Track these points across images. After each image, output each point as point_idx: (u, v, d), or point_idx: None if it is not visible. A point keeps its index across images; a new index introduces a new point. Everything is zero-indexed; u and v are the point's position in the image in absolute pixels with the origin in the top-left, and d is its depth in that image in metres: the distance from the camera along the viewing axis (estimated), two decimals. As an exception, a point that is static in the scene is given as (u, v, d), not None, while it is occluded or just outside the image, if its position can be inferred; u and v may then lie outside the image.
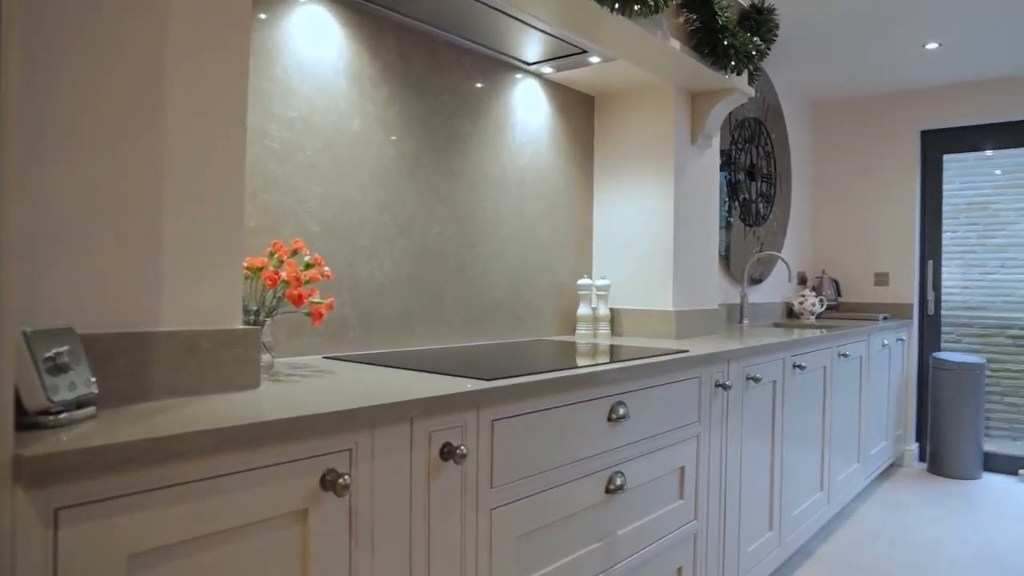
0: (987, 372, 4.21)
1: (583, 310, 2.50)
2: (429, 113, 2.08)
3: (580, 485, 1.56)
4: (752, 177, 3.81)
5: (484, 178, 2.26)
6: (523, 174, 2.41)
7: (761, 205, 3.92)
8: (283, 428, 0.98)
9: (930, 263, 4.36)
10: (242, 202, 1.24)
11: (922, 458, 4.40)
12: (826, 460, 3.02)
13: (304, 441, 1.03)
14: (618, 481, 1.66)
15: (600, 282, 2.53)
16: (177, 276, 1.15)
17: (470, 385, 1.30)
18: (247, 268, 1.42)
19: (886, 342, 3.79)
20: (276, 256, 1.45)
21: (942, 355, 4.17)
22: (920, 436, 4.41)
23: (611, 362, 1.70)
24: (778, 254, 3.58)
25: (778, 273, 4.22)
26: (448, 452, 1.24)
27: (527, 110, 2.42)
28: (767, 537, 2.47)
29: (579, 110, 2.65)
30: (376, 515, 1.13)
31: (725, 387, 2.09)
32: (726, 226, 3.58)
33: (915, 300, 4.34)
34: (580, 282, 2.50)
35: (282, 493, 1.01)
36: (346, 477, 1.04)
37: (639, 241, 2.56)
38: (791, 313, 4.32)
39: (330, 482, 1.05)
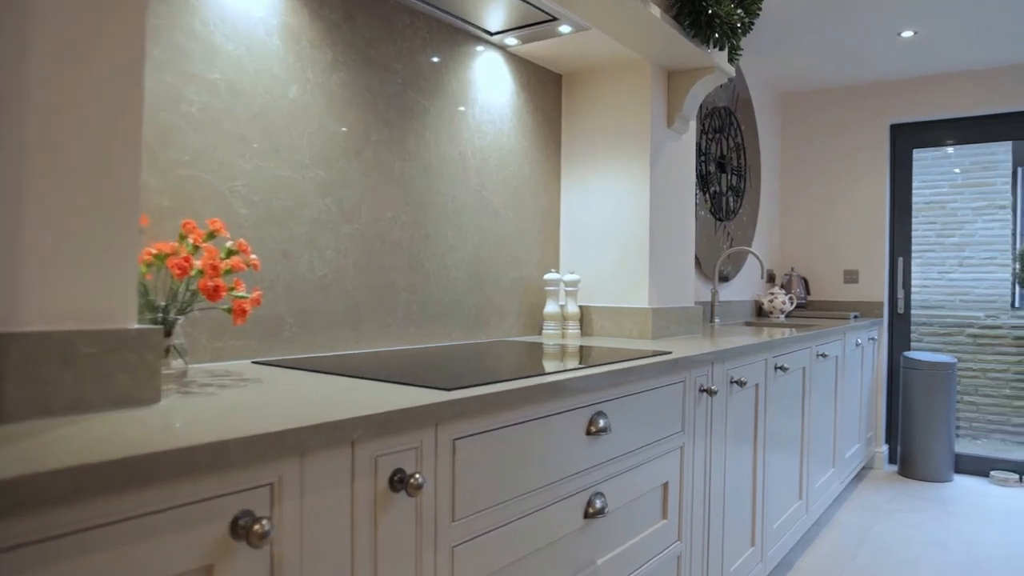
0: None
1: (550, 308, 2.28)
2: (379, 83, 1.83)
3: (556, 511, 1.33)
4: (722, 169, 3.64)
5: (441, 159, 2.02)
6: (485, 157, 2.17)
7: (731, 199, 3.76)
8: (176, 461, 0.73)
9: (900, 260, 4.25)
10: (137, 175, 0.98)
11: (892, 460, 4.29)
12: (805, 466, 2.85)
13: (208, 477, 0.78)
14: (598, 504, 1.43)
15: (569, 277, 2.31)
16: (45, 264, 0.89)
17: (427, 397, 1.06)
18: (152, 255, 1.15)
19: (859, 341, 3.66)
20: (189, 240, 1.19)
21: (913, 354, 4.06)
22: (890, 438, 4.30)
23: (591, 366, 1.48)
24: (750, 249, 3.42)
25: (748, 270, 4.07)
26: (400, 481, 0.99)
27: (489, 86, 2.19)
28: (749, 553, 2.28)
29: (546, 88, 2.43)
30: (307, 567, 0.88)
31: (711, 392, 1.89)
32: (696, 220, 3.39)
33: (885, 298, 4.23)
34: (547, 277, 2.28)
35: (177, 548, 0.75)
36: (265, 522, 0.79)
37: (611, 232, 2.35)
38: (760, 312, 4.17)
39: (244, 528, 0.80)
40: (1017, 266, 7.17)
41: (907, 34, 3.43)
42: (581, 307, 2.39)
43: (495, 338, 2.20)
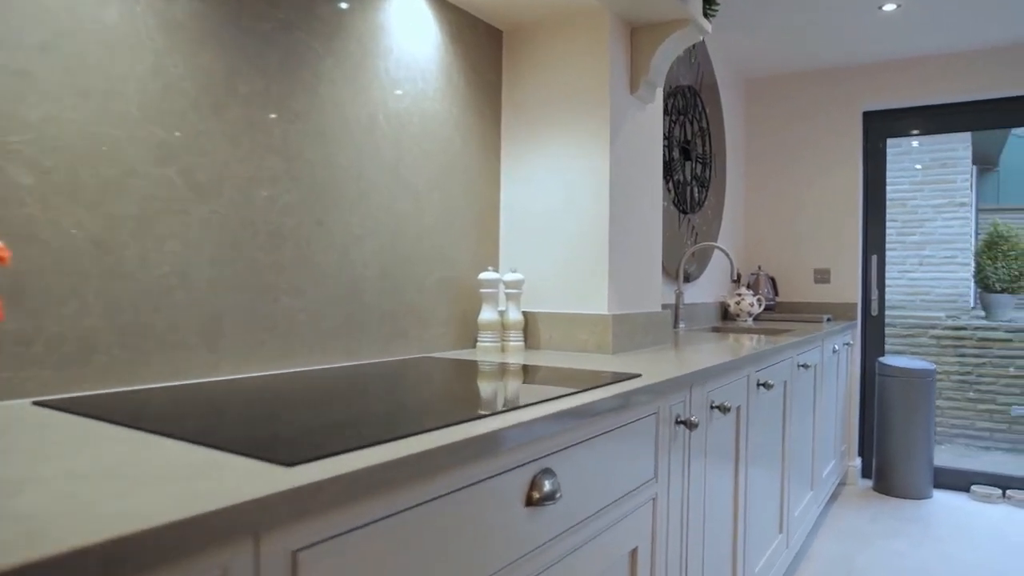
0: (935, 378, 3.79)
1: (487, 315, 1.83)
2: (252, 17, 1.36)
3: (480, 628, 0.89)
4: (687, 156, 3.25)
5: (343, 124, 1.56)
6: (402, 123, 1.72)
7: (696, 189, 3.37)
8: None
9: (873, 258, 3.93)
10: None
11: (866, 474, 3.96)
12: (785, 494, 2.46)
13: None
14: (543, 602, 1.00)
15: (510, 277, 1.87)
16: None
17: (247, 484, 0.60)
18: None
19: (836, 347, 3.31)
20: None
21: (889, 360, 3.74)
22: (863, 450, 3.98)
23: (534, 404, 1.04)
24: (720, 246, 3.03)
25: (713, 269, 3.69)
26: (170, 655, 0.53)
27: (408, 34, 1.73)
28: (730, 612, 1.88)
29: (482, 46, 1.98)
30: None
31: (690, 424, 1.46)
32: (659, 211, 2.99)
33: (859, 299, 3.90)
34: (483, 277, 1.84)
35: None
36: None
37: (563, 222, 1.92)
38: (726, 314, 3.80)
39: None
40: (973, 266, 7.01)
41: (889, 7, 3.08)
42: (525, 314, 1.95)
43: (415, 354, 1.75)
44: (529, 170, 1.98)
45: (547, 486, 1.00)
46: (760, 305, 3.61)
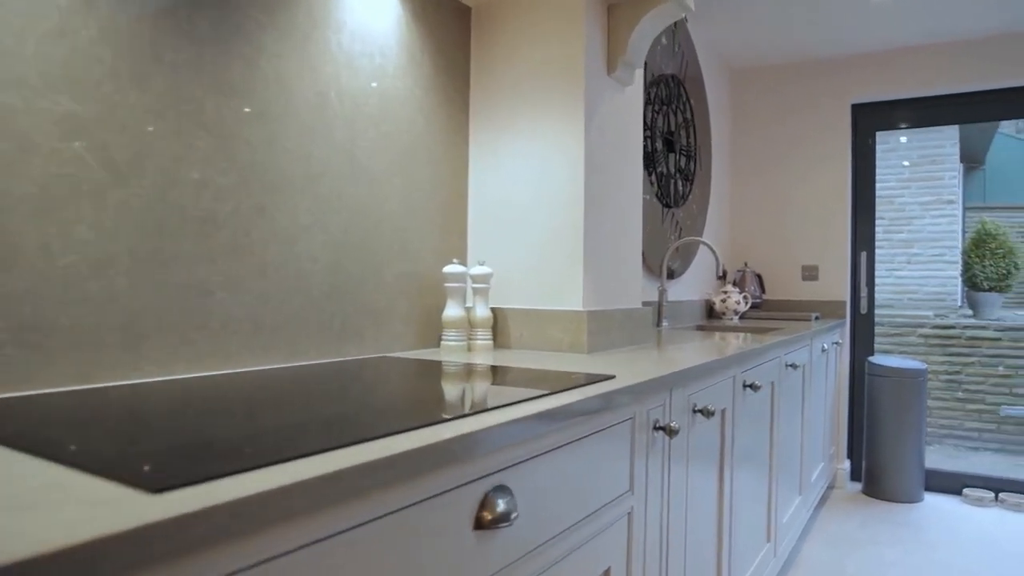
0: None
1: (452, 311, 1.70)
2: (179, -24, 1.22)
3: (415, 678, 0.75)
4: (670, 148, 3.12)
5: (288, 101, 1.42)
6: (358, 103, 1.57)
7: (680, 182, 3.24)
8: None
9: (862, 255, 3.82)
10: None
11: (855, 477, 3.85)
12: (773, 500, 2.34)
13: None
14: (496, 641, 0.86)
15: (478, 270, 1.73)
16: None
17: (80, 528, 0.46)
18: None
19: (825, 347, 3.19)
20: None
21: (878, 360, 3.63)
22: (852, 452, 3.86)
23: (487, 410, 0.90)
24: (705, 241, 2.90)
25: (698, 265, 3.57)
26: None
27: (365, 7, 1.59)
28: (715, 630, 1.75)
29: (449, 23, 1.84)
30: None
31: (670, 431, 1.33)
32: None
33: (848, 297, 3.79)
34: (447, 270, 1.70)
35: None
36: None
37: (535, 212, 1.78)
38: (711, 313, 3.67)
39: None
40: (961, 264, 6.94)
41: (879, -7, 2.97)
42: (494, 310, 1.82)
43: (372, 354, 1.60)
44: (499, 156, 1.84)
45: (501, 506, 0.87)
46: (746, 303, 3.49)
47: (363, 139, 1.58)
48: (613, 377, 1.23)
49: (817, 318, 3.59)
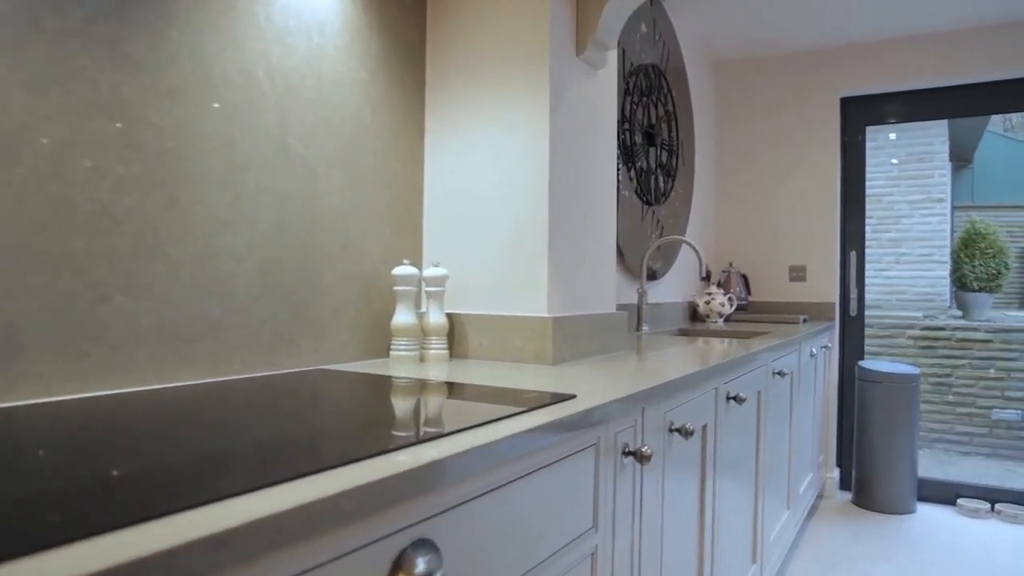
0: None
1: (402, 318, 1.52)
2: (61, -72, 1.03)
3: None
4: (651, 142, 2.96)
5: (207, 80, 1.23)
6: (291, 84, 1.40)
7: (661, 178, 3.08)
8: None
9: (852, 255, 3.67)
10: None
11: (844, 486, 3.70)
12: (759, 517, 2.18)
13: None
14: None
15: (432, 272, 1.55)
16: None
17: None
18: None
19: (814, 351, 3.04)
20: None
21: (869, 364, 3.48)
22: (841, 460, 3.71)
23: (406, 446, 0.73)
24: (687, 240, 2.74)
25: (681, 266, 3.41)
26: None
27: (300, -24, 1.41)
28: (695, 670, 1.58)
29: (401, -1, 1.67)
30: None
31: (641, 457, 1.16)
32: (619, 202, 2.70)
33: (837, 298, 3.64)
34: (398, 272, 1.52)
35: None
36: None
37: (496, 208, 1.61)
38: (695, 315, 3.52)
39: None
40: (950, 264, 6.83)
41: (869, -22, 2.82)
42: (451, 316, 1.64)
43: (309, 366, 1.43)
44: (457, 146, 1.67)
45: (421, 566, 0.69)
46: (731, 305, 3.33)
47: (299, 126, 1.40)
48: (574, 397, 1.06)
49: (805, 320, 3.44)
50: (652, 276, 3.04)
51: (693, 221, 3.57)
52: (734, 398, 1.75)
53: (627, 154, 2.73)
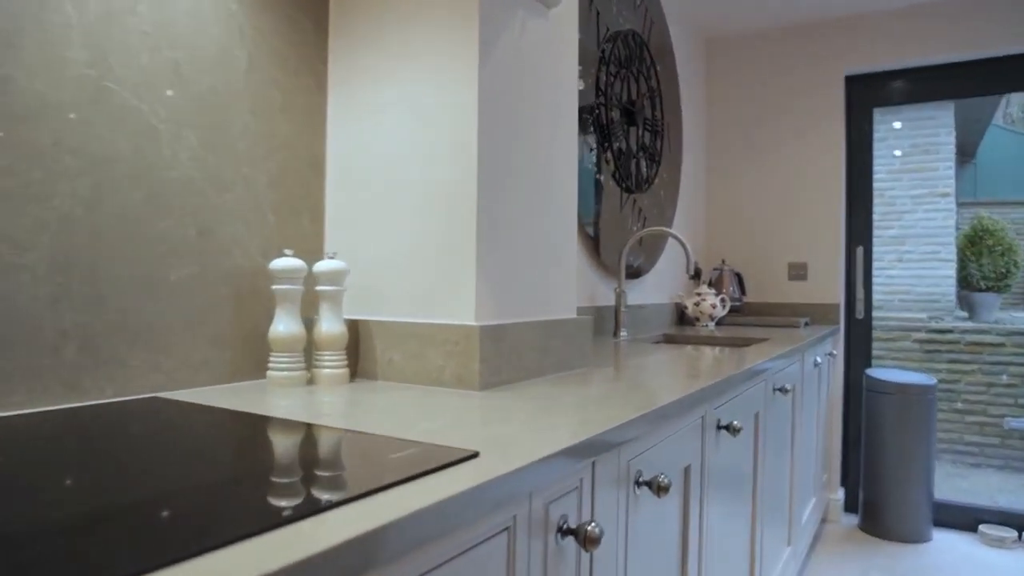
0: (933, 394, 3.16)
1: (283, 326, 1.14)
2: None
3: None
4: (631, 120, 2.58)
5: (-47, -17, 0.85)
6: (112, 8, 1.01)
7: (644, 162, 2.70)
8: None
9: (859, 251, 3.30)
10: None
11: (850, 507, 3.33)
12: (757, 564, 1.80)
13: None
14: None
15: (324, 267, 1.17)
16: None
17: None
18: None
19: (818, 360, 2.66)
20: None
21: (878, 373, 3.11)
22: (847, 478, 3.34)
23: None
24: (672, 232, 2.36)
25: (667, 262, 3.03)
26: None
27: None
28: None
29: (293, -87, 1.29)
30: None
31: (585, 539, 0.78)
32: (594, 188, 2.32)
33: (842, 300, 3.27)
34: (277, 266, 1.14)
35: None
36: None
37: (413, 184, 1.22)
38: (683, 318, 3.14)
39: None
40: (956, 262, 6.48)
41: (881, -69, 2.45)
42: (355, 324, 1.26)
43: (143, 392, 1.04)
44: (369, 104, 1.28)
45: None
46: (724, 307, 2.96)
47: (125, 68, 1.02)
48: (473, 456, 0.68)
49: (807, 324, 3.07)
50: (635, 274, 2.67)
51: (681, 212, 3.19)
52: (726, 427, 1.37)
53: (602, 132, 2.35)
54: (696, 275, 3.33)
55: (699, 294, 2.96)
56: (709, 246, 3.54)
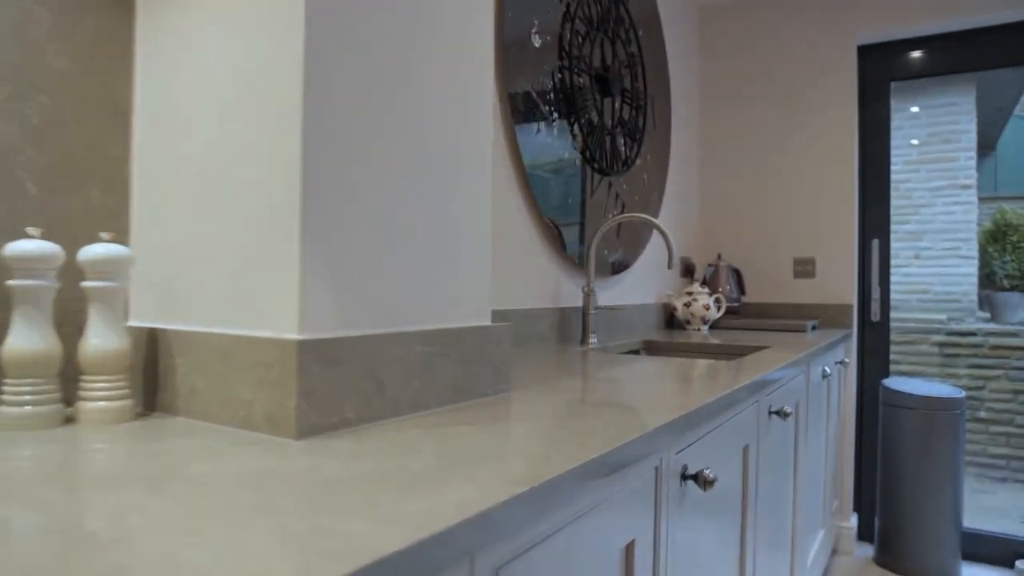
0: (960, 407, 2.76)
1: (22, 340, 0.76)
2: None
3: None
4: (605, 90, 2.20)
5: None
6: None
7: (622, 140, 2.32)
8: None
9: (874, 244, 2.91)
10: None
11: (864, 535, 2.93)
12: (747, 637, 1.41)
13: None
14: None
15: (95, 252, 0.80)
16: None
17: None
18: None
19: (828, 370, 2.27)
20: None
21: (896, 383, 2.72)
22: (860, 503, 2.95)
23: None
24: (648, 218, 1.97)
25: (652, 256, 2.65)
26: None
27: None
28: None
29: None
30: None
31: None
32: (555, 168, 1.94)
33: (854, 299, 2.87)
34: (13, 251, 0.77)
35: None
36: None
37: (224, 143, 0.84)
38: (673, 320, 2.75)
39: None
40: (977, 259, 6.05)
41: None
42: (151, 335, 0.88)
43: None
44: (182, 38, 0.91)
45: None
46: (719, 308, 2.58)
47: None
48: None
49: (814, 328, 2.68)
50: (616, 269, 2.29)
51: (670, 200, 2.81)
52: (693, 478, 0.99)
53: (566, 99, 1.97)
54: (688, 271, 2.94)
55: (690, 293, 2.57)
56: (703, 239, 3.15)
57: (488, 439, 0.73)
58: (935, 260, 6.05)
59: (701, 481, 0.98)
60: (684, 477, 0.98)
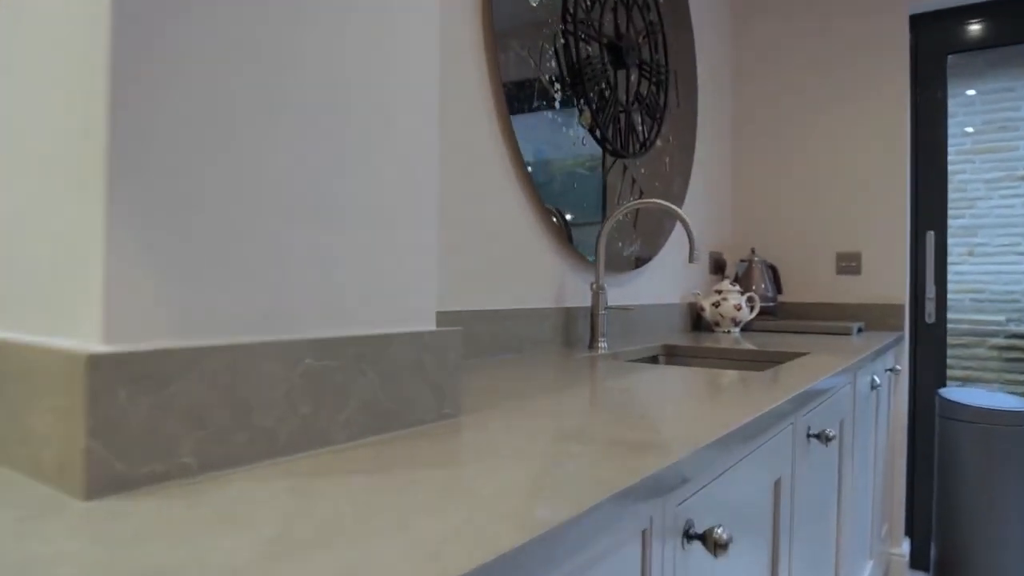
0: None
1: None
2: None
3: None
4: (620, 61, 1.94)
5: None
6: None
7: (640, 119, 2.06)
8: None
9: (929, 236, 2.60)
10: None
11: (918, 563, 2.62)
12: None
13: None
14: None
15: None
16: None
17: None
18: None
19: (877, 380, 1.98)
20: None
21: (955, 394, 2.41)
22: (913, 528, 2.64)
23: None
24: (667, 204, 1.71)
25: (675, 249, 2.38)
26: None
27: None
28: None
29: None
30: None
31: None
32: (557, 147, 1.69)
33: (906, 299, 2.57)
34: None
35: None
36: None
37: (53, 73, 0.61)
38: (699, 322, 2.48)
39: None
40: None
41: None
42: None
43: None
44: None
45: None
46: (752, 308, 2.30)
47: None
48: None
49: (860, 330, 2.39)
50: (635, 264, 2.03)
51: (696, 187, 2.53)
52: (700, 538, 0.73)
53: (572, 72, 1.72)
54: (718, 268, 2.66)
55: (720, 292, 2.30)
56: (735, 231, 2.87)
57: (379, 499, 0.49)
58: (991, 257, 5.67)
59: (711, 543, 0.72)
60: (688, 536, 0.72)
